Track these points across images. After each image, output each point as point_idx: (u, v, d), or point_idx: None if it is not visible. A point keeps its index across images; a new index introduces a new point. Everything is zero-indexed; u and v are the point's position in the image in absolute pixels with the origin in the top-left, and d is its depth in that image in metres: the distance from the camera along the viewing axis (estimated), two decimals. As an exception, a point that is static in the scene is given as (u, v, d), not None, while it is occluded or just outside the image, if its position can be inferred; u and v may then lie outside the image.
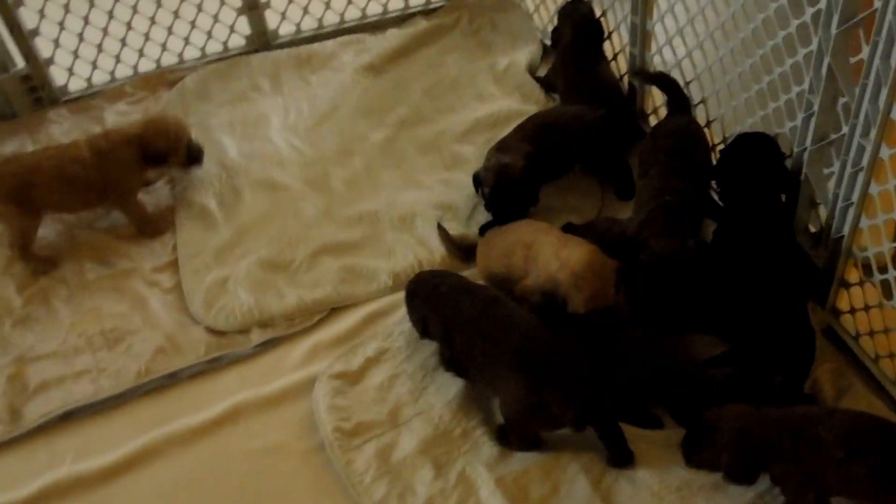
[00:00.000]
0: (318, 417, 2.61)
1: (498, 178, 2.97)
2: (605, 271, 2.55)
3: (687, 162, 2.85)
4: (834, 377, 2.54)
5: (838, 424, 2.14)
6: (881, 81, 2.17)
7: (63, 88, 3.80)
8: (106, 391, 2.75)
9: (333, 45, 4.02)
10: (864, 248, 2.47)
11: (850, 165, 2.38)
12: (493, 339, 2.43)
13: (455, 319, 2.54)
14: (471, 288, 2.61)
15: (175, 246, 3.18)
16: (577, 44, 3.41)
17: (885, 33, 2.11)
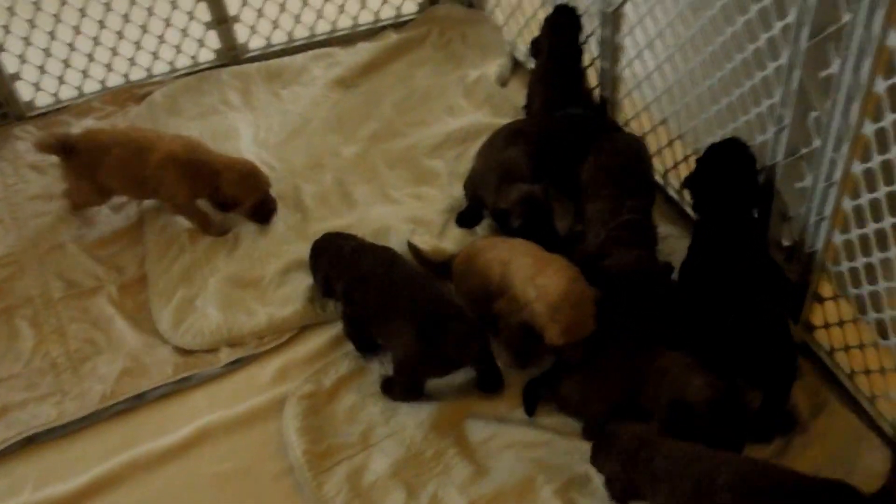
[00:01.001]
0: (287, 439, 2.47)
1: (527, 209, 2.79)
2: (583, 301, 2.38)
3: (637, 179, 2.76)
4: (809, 394, 2.44)
5: (734, 470, 2.02)
6: (852, 96, 2.08)
7: (30, 104, 3.65)
8: (69, 415, 2.59)
9: (304, 58, 3.90)
10: (837, 264, 2.37)
11: (822, 180, 2.28)
12: (391, 294, 2.53)
13: (356, 277, 2.60)
14: (372, 248, 2.71)
15: (142, 262, 3.02)
16: (556, 59, 3.26)
17: (854, 47, 2.02)
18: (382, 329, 2.57)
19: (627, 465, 2.17)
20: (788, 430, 2.38)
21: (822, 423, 2.39)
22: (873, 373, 2.37)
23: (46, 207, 3.24)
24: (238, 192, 2.99)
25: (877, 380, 2.37)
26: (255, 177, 3.03)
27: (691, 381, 2.26)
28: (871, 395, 2.38)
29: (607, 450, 2.24)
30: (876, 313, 2.26)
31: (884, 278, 2.18)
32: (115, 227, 3.17)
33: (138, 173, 2.98)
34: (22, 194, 3.30)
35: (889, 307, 2.21)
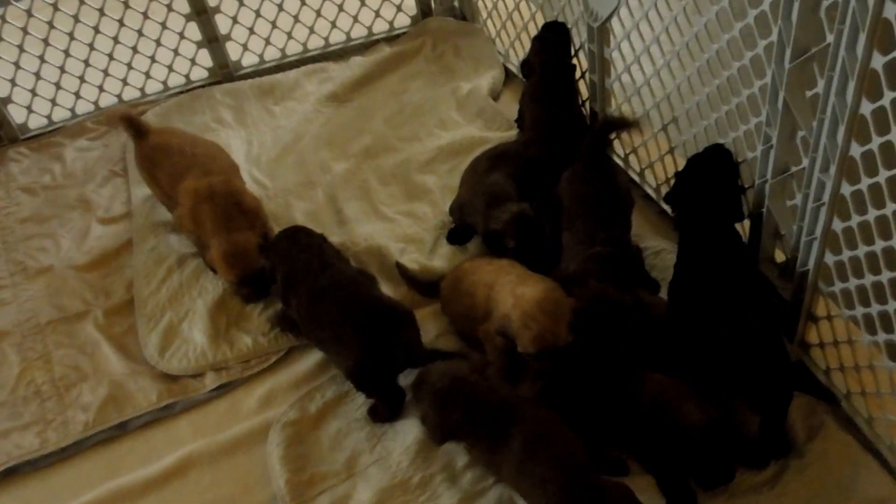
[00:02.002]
0: (271, 468, 2.33)
1: (520, 229, 2.65)
2: (558, 311, 2.23)
3: (610, 209, 2.61)
4: (805, 413, 2.28)
5: (531, 422, 2.07)
6: (838, 117, 1.94)
7: (23, 126, 3.55)
8: (52, 444, 2.46)
9: (297, 74, 3.77)
10: (830, 284, 2.22)
11: (811, 200, 2.14)
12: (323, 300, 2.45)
13: (296, 281, 2.51)
14: (323, 258, 2.55)
15: (130, 286, 2.89)
16: (548, 78, 3.07)
17: (838, 69, 1.88)
18: (317, 336, 2.49)
19: (438, 404, 2.17)
20: (785, 453, 2.24)
21: (818, 446, 2.23)
22: (869, 394, 2.22)
23: (37, 230, 3.13)
24: (219, 267, 2.72)
25: (873, 401, 2.22)
26: (241, 256, 2.69)
27: (683, 406, 2.12)
28: (869, 417, 2.23)
29: (425, 391, 2.22)
30: (870, 336, 2.12)
31: (877, 301, 2.03)
32: (104, 248, 3.04)
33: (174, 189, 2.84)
34: (13, 217, 3.19)
35: (882, 330, 2.06)
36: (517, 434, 2.07)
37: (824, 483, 2.17)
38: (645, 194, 2.98)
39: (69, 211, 3.20)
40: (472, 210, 2.80)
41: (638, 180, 3.01)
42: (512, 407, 2.12)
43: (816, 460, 2.22)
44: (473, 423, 2.14)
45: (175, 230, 2.97)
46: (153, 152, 2.90)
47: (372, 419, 2.42)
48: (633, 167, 3.03)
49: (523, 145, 3.04)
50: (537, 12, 3.32)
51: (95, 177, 3.34)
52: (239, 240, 2.69)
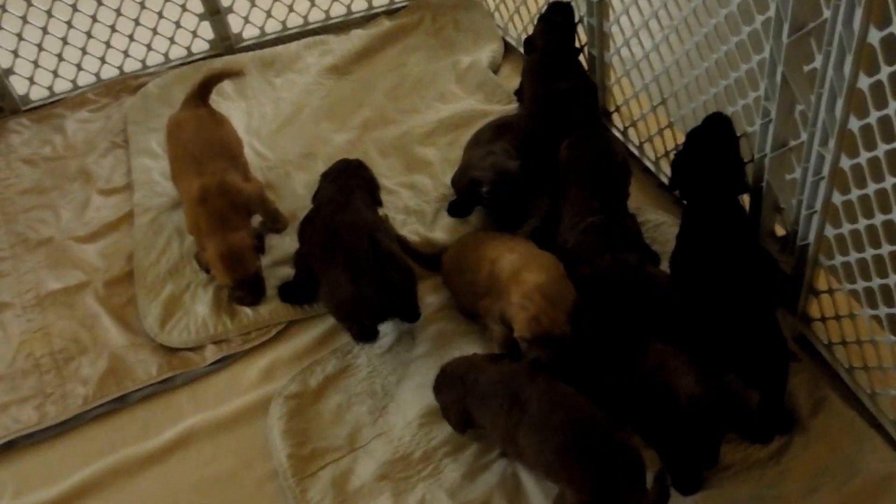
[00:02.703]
0: (272, 442, 2.22)
1: (498, 181, 2.54)
2: (558, 298, 2.11)
3: (606, 179, 2.49)
4: (808, 388, 2.18)
5: (537, 392, 1.98)
6: (836, 91, 1.84)
7: (24, 98, 3.39)
8: (50, 418, 2.35)
9: (297, 46, 3.61)
10: (831, 257, 2.11)
11: (811, 173, 2.04)
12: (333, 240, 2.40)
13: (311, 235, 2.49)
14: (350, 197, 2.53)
15: (130, 257, 2.76)
16: (551, 56, 2.92)
17: (836, 43, 1.78)
18: (322, 273, 2.41)
19: (459, 389, 2.10)
20: (788, 429, 2.14)
21: (821, 421, 2.14)
22: (872, 369, 2.12)
23: (37, 201, 3.00)
24: (216, 270, 2.54)
25: (876, 376, 2.12)
26: (237, 258, 2.52)
27: (681, 377, 2.00)
28: (872, 392, 2.13)
29: (443, 380, 2.18)
30: (871, 309, 2.02)
31: (878, 275, 1.93)
32: (104, 219, 2.91)
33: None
34: (13, 188, 3.05)
35: (883, 304, 1.95)
36: (530, 407, 1.96)
37: (828, 459, 2.09)
38: (644, 167, 2.86)
39: (70, 182, 3.06)
40: (476, 170, 2.66)
41: (637, 153, 2.89)
42: (522, 382, 2.02)
43: (820, 436, 2.13)
44: (483, 401, 2.05)
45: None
46: (169, 130, 2.81)
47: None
48: (633, 140, 2.91)
49: (524, 118, 2.91)
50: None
51: (96, 148, 3.19)
52: (234, 242, 2.51)
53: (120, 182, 3.05)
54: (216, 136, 2.76)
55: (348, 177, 2.63)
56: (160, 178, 3.00)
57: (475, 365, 2.14)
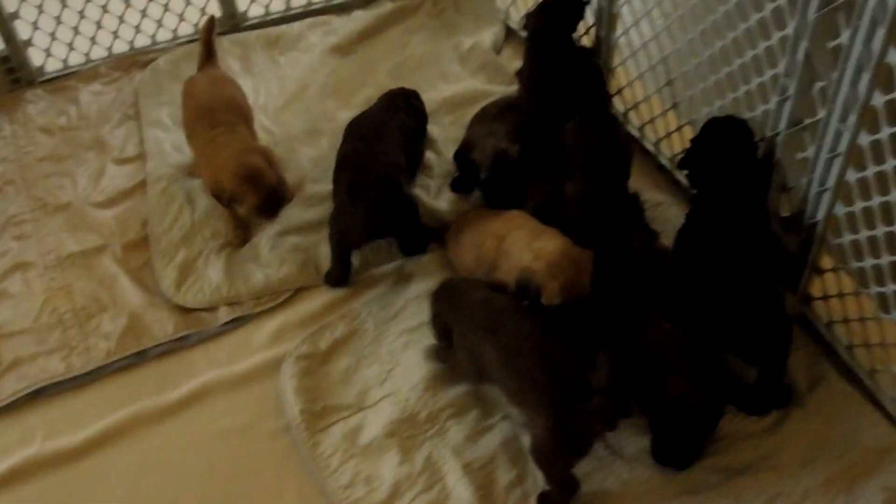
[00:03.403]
0: (285, 399, 2.39)
1: (496, 164, 2.67)
2: (580, 260, 2.25)
3: (609, 160, 2.61)
4: (807, 365, 2.32)
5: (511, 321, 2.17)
6: (862, 66, 1.93)
7: (40, 69, 3.51)
8: (76, 369, 2.51)
9: (301, 26, 3.73)
10: (838, 236, 2.22)
11: (825, 151, 2.13)
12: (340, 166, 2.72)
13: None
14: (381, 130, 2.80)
15: (145, 223, 2.91)
16: (545, 34, 3.05)
17: (866, 18, 1.87)
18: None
19: (447, 302, 2.31)
20: (786, 403, 2.27)
21: (820, 396, 2.27)
22: (873, 346, 2.24)
23: (55, 168, 3.13)
24: (236, 189, 2.66)
25: (877, 353, 2.24)
26: (248, 172, 2.65)
27: (671, 375, 2.14)
28: (871, 370, 2.26)
29: (439, 291, 2.37)
30: (878, 287, 2.13)
31: (887, 251, 2.05)
32: (119, 187, 3.05)
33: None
34: (32, 156, 3.18)
35: (892, 281, 2.07)
36: (503, 331, 2.15)
37: (826, 432, 2.21)
38: (645, 150, 3.00)
39: (85, 151, 3.20)
40: (477, 150, 2.81)
41: (638, 136, 3.02)
42: (499, 305, 2.22)
43: (818, 410, 2.25)
44: (459, 311, 2.26)
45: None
46: (187, 86, 2.98)
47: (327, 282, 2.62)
48: (633, 123, 3.04)
49: (521, 98, 3.05)
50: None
51: (110, 119, 3.33)
52: (250, 161, 2.68)
53: (133, 152, 3.19)
54: (227, 93, 2.95)
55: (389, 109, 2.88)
56: (171, 149, 3.15)
57: (470, 285, 2.34)
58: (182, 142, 3.09)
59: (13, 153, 3.20)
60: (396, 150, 2.74)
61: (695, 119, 2.71)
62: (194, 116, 2.85)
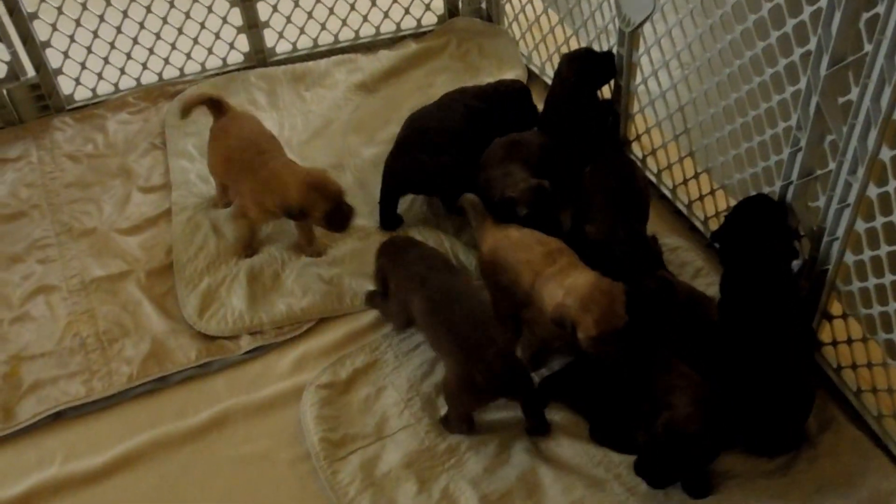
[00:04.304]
0: (305, 427, 2.43)
1: (535, 198, 2.72)
2: (612, 292, 2.26)
3: (629, 202, 2.69)
4: (817, 408, 2.35)
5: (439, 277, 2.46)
6: (871, 122, 2.02)
7: (69, 97, 3.62)
8: (97, 393, 2.56)
9: (327, 63, 3.85)
10: (848, 283, 2.29)
11: (835, 201, 2.22)
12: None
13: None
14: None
15: (170, 250, 2.98)
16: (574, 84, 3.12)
17: (875, 76, 1.97)
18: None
19: (389, 255, 2.58)
20: (797, 445, 2.31)
21: (829, 440, 2.31)
22: (881, 392, 2.29)
23: (81, 195, 3.22)
24: (304, 201, 2.71)
25: (884, 399, 2.29)
26: (321, 184, 2.73)
27: (679, 404, 2.18)
28: (878, 414, 2.31)
29: (384, 246, 2.64)
30: (886, 334, 2.19)
31: (895, 299, 2.12)
32: (145, 215, 3.13)
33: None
34: (58, 181, 3.27)
35: None
36: (431, 284, 2.42)
37: (834, 474, 2.24)
38: (661, 194, 3.08)
39: (111, 179, 3.29)
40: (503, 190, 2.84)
41: (656, 181, 3.10)
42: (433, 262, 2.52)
43: (827, 452, 2.29)
44: (397, 265, 2.53)
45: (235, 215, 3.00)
46: (210, 146, 3.02)
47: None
48: (651, 168, 3.12)
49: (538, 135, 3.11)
50: (565, 17, 3.43)
51: (136, 148, 3.42)
52: (317, 172, 2.81)
53: (158, 181, 3.28)
54: (260, 126, 3.04)
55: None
56: (196, 179, 3.24)
57: (411, 242, 2.67)
58: (206, 172, 3.18)
59: (39, 178, 3.29)
60: (460, 122, 3.03)
61: (711, 167, 2.80)
62: (238, 149, 2.89)
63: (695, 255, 2.85)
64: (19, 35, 3.39)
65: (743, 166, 2.62)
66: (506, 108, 3.20)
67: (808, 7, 2.13)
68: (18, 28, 3.37)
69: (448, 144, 2.98)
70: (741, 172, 2.63)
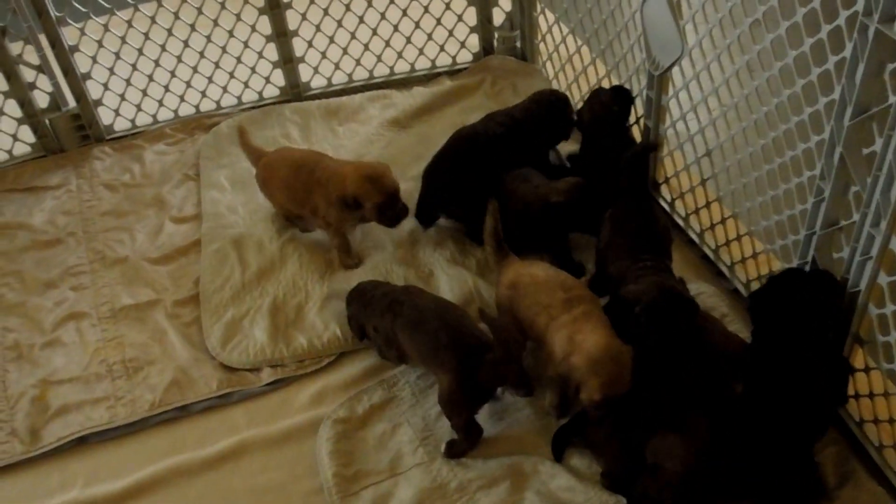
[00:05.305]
0: (319, 461, 2.50)
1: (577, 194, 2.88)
2: (621, 357, 2.28)
3: (652, 240, 2.73)
4: (837, 462, 2.37)
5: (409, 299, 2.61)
6: (894, 174, 2.04)
7: (109, 128, 3.79)
8: (121, 419, 2.67)
9: (361, 98, 3.96)
10: (871, 336, 2.30)
11: (859, 253, 2.23)
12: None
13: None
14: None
15: (197, 281, 3.10)
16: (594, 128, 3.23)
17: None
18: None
19: (360, 303, 2.71)
20: (815, 498, 2.31)
21: (848, 494, 2.31)
22: None
23: (116, 223, 3.37)
24: (362, 190, 2.89)
25: None
26: (378, 175, 2.93)
27: (674, 448, 2.23)
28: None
29: (352, 294, 2.76)
30: None
31: None
32: (175, 245, 3.26)
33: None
34: (95, 210, 3.43)
35: None
36: (405, 309, 2.54)
37: None
38: (689, 239, 3.11)
39: (145, 208, 3.43)
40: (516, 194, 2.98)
41: (682, 225, 3.14)
42: (398, 294, 2.63)
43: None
44: (368, 307, 2.66)
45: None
46: (264, 174, 3.19)
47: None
48: (679, 212, 3.16)
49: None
50: (597, 58, 3.51)
51: (171, 179, 3.57)
52: (373, 164, 3.02)
53: (190, 212, 3.41)
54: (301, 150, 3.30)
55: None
56: (226, 211, 3.36)
57: (375, 284, 2.76)
58: (237, 202, 3.33)
59: (77, 206, 3.45)
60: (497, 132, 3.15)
61: (737, 212, 2.84)
62: (293, 173, 3.08)
63: (720, 300, 2.87)
64: (61, 67, 3.57)
65: (769, 213, 2.65)
66: (543, 118, 3.29)
67: (833, 56, 2.16)
68: (60, 60, 3.55)
69: (481, 157, 3.10)
70: (766, 219, 2.67)
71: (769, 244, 2.70)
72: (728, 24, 2.56)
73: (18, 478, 2.57)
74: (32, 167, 3.65)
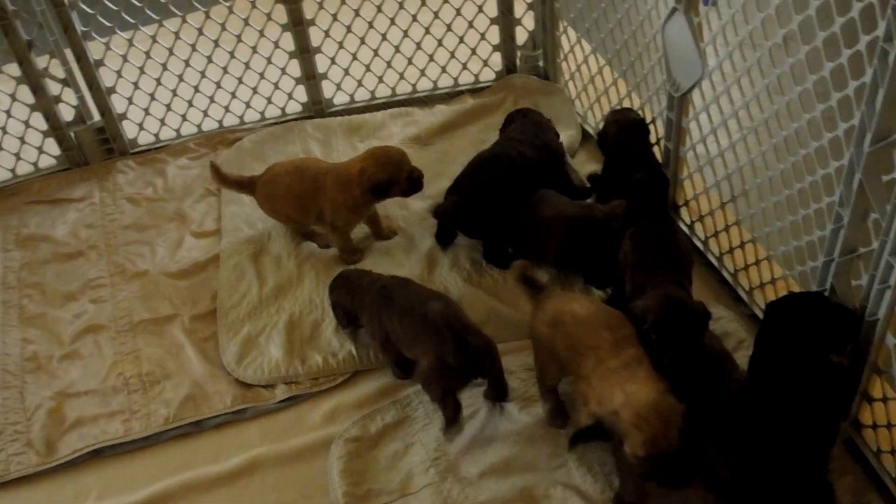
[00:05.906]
0: (331, 479, 2.52)
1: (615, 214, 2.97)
2: (672, 416, 2.17)
3: (671, 259, 2.72)
4: (853, 491, 2.35)
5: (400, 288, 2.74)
6: None
7: (133, 141, 3.87)
8: (135, 433, 2.71)
9: (383, 115, 4.01)
10: (889, 366, 2.27)
11: (877, 281, 2.21)
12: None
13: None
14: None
15: (215, 296, 3.15)
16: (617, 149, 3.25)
17: None
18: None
19: (347, 290, 2.81)
20: None
21: None
22: None
23: (137, 237, 3.43)
24: (390, 173, 3.06)
25: None
26: (395, 153, 3.11)
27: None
28: None
29: (337, 282, 2.88)
30: None
31: None
32: (195, 259, 3.31)
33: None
34: (117, 223, 3.49)
35: None
36: (396, 298, 2.66)
37: None
38: (707, 262, 3.11)
39: (166, 222, 3.49)
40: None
41: (702, 248, 3.13)
42: (388, 282, 2.75)
43: None
44: (358, 296, 2.77)
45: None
46: (267, 189, 3.24)
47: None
48: (699, 235, 3.15)
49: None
50: (619, 79, 3.52)
51: (192, 193, 3.63)
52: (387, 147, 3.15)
53: (211, 226, 3.47)
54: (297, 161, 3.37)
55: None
56: (245, 225, 3.41)
57: (361, 273, 2.88)
58: (255, 217, 3.39)
59: (100, 219, 3.51)
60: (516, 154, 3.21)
61: (757, 237, 2.83)
62: (296, 183, 3.17)
63: (738, 325, 2.86)
64: (86, 81, 3.66)
65: (787, 238, 2.65)
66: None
67: (853, 82, 2.16)
68: (85, 74, 3.64)
69: (500, 180, 3.13)
70: (785, 244, 2.66)
71: (788, 269, 2.69)
72: (748, 48, 2.58)
73: (33, 489, 2.62)
74: (57, 179, 3.74)
